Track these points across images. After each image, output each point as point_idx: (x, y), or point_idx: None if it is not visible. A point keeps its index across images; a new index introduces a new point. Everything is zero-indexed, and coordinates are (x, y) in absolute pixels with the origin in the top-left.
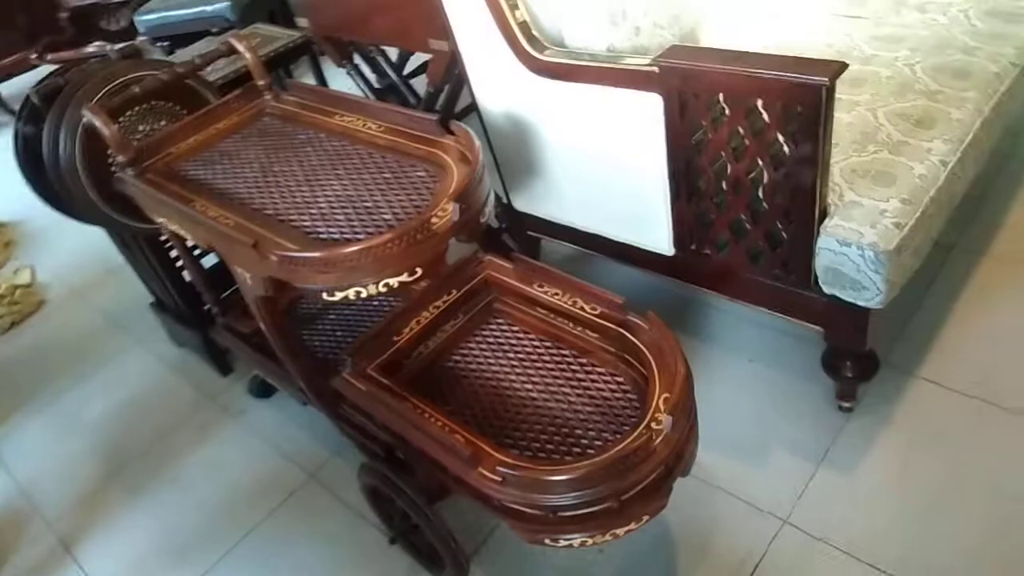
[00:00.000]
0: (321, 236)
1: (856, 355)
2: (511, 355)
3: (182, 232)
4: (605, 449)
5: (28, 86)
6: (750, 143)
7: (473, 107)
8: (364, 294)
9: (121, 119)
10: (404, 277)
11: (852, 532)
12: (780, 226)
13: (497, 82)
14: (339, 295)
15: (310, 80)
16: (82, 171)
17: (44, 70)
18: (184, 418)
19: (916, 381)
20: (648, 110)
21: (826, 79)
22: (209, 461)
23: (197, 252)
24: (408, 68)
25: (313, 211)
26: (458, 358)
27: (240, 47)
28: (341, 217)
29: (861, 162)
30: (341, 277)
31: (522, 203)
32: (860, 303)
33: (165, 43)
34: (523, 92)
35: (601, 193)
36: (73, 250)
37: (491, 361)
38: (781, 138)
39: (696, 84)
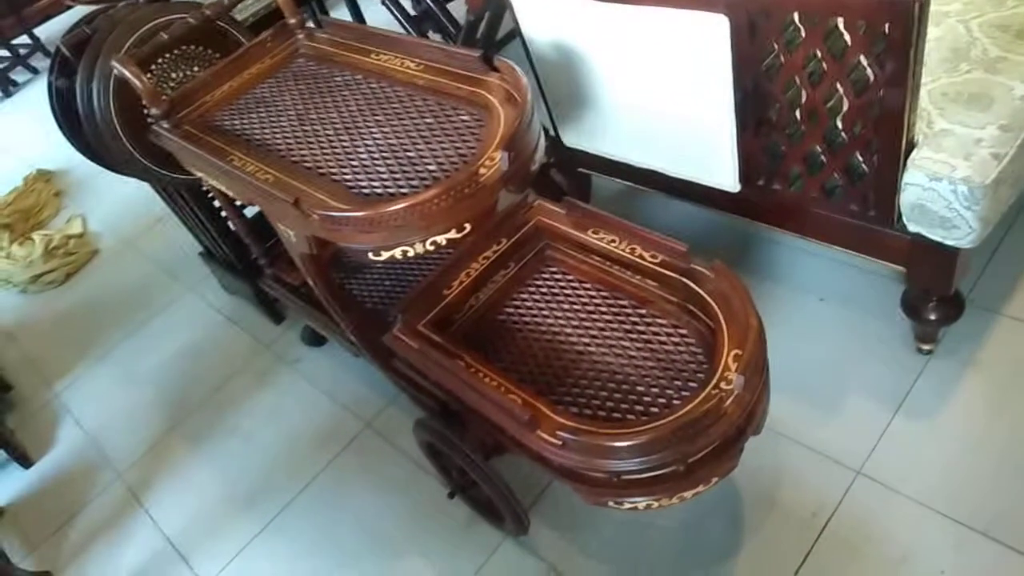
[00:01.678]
0: (364, 191)
1: (940, 297)
2: (565, 306)
3: (220, 187)
4: (671, 410)
5: (64, 29)
6: (828, 67)
7: (516, 34)
8: (411, 253)
9: (152, 67)
10: (452, 234)
11: (931, 483)
12: (861, 159)
13: (543, 7)
14: (385, 255)
15: (343, 11)
16: (118, 124)
17: (79, 11)
18: (240, 366)
19: (1002, 320)
20: (713, 33)
21: None
22: (268, 410)
23: (240, 203)
24: None
25: (354, 163)
26: (510, 310)
27: None
28: (383, 169)
29: (952, 83)
30: (386, 236)
31: (572, 138)
32: (949, 242)
33: None
34: (572, 17)
35: (660, 127)
36: (121, 198)
37: (545, 313)
38: (864, 61)
39: (768, 3)
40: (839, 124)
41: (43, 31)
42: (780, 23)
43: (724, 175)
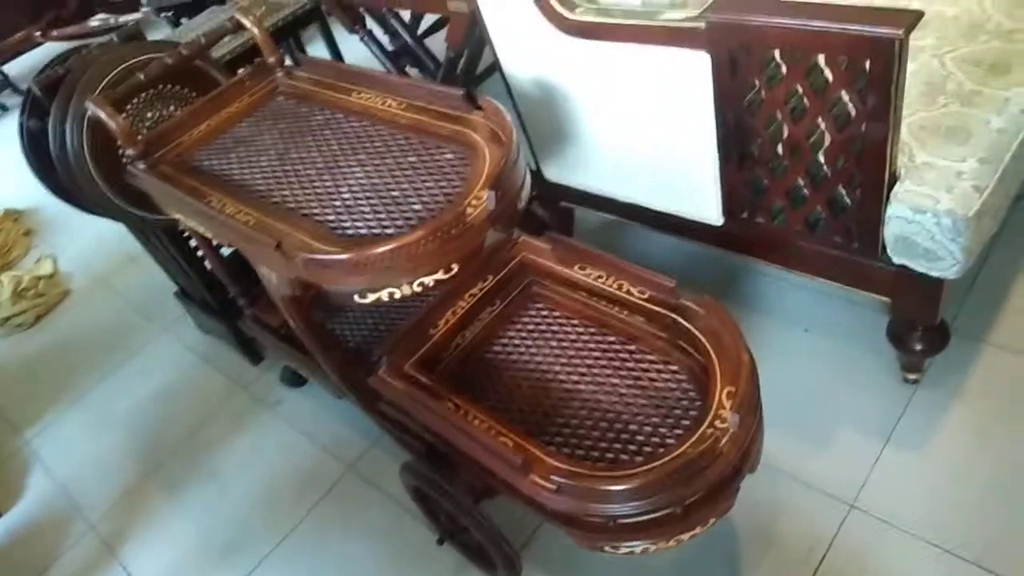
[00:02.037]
0: (348, 231)
1: (925, 327)
2: (553, 343)
3: (200, 229)
4: (666, 451)
5: (35, 65)
6: (810, 102)
7: (496, 68)
8: (398, 295)
9: (128, 107)
10: (440, 275)
11: (922, 514)
12: (844, 192)
13: (523, 44)
14: (371, 297)
15: (320, 46)
16: (92, 165)
17: (50, 48)
18: (218, 408)
19: (987, 348)
20: (694, 69)
21: (900, 31)
22: (246, 453)
23: (217, 243)
24: (421, 27)
25: (337, 203)
26: (497, 348)
27: (246, 22)
28: (367, 209)
29: (930, 117)
30: (372, 278)
31: (554, 172)
32: (934, 273)
33: (169, 13)
34: (552, 54)
35: (642, 161)
36: (93, 237)
37: (533, 351)
38: (846, 96)
39: (749, 40)
40: (821, 158)
41: (12, 68)
42: (761, 59)
43: (708, 209)
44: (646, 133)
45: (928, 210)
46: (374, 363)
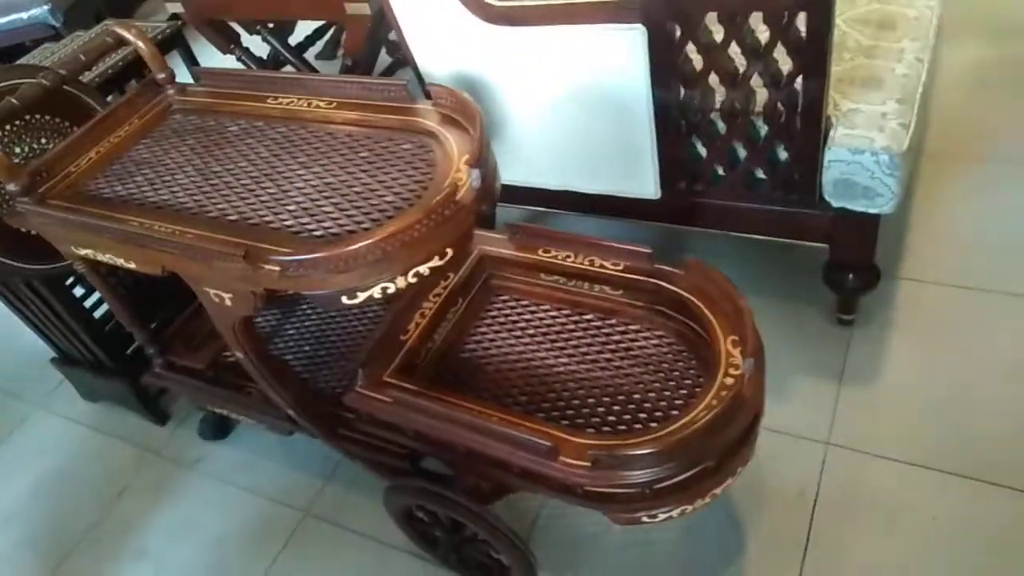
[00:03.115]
0: (315, 233)
1: (860, 266)
2: (530, 331)
3: (119, 260)
4: (686, 409)
5: None
6: (747, 64)
7: (391, 70)
8: (392, 290)
9: None
10: (436, 262)
11: (897, 438)
12: (781, 147)
13: (442, 39)
14: (362, 296)
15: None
16: None
17: None
18: (128, 481)
19: (903, 283)
20: (628, 44)
21: None
22: (176, 524)
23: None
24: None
25: (290, 208)
26: (472, 346)
27: (130, 36)
28: (330, 208)
29: (843, 71)
30: (365, 274)
31: None
32: (872, 211)
33: None
34: (475, 46)
35: (575, 145)
36: None
37: (511, 342)
38: (778, 55)
39: (687, 7)
40: (756, 121)
41: None
42: (698, 26)
43: (644, 184)
44: (578, 116)
45: (865, 149)
46: (324, 389)
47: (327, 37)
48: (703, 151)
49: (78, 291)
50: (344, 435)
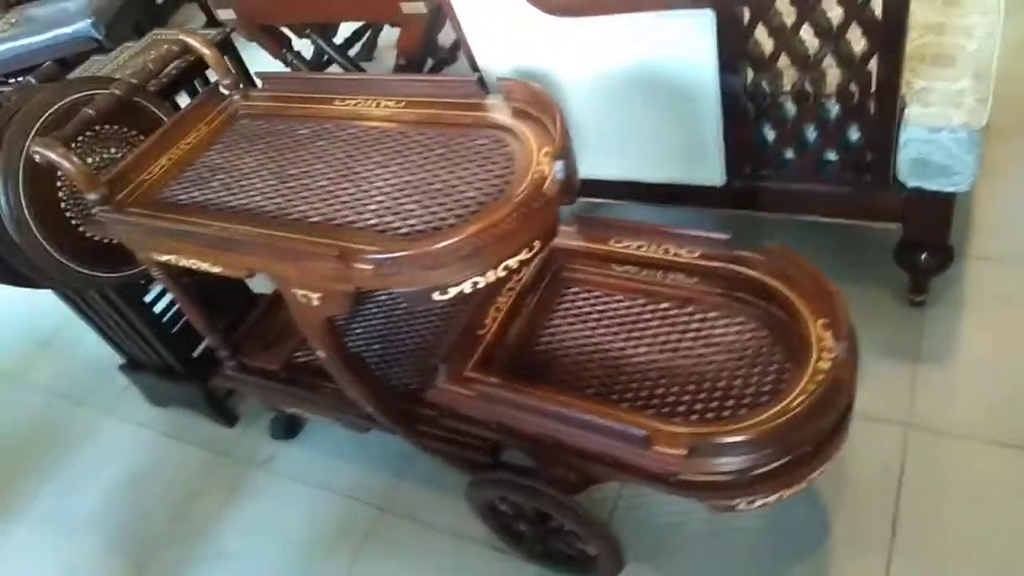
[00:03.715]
0: (400, 231)
1: (932, 245)
2: (604, 322)
3: (203, 264)
4: (780, 396)
5: None
6: (821, 44)
7: (436, 71)
8: (481, 284)
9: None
10: (524, 254)
11: (977, 417)
12: (853, 128)
13: (500, 33)
14: (452, 291)
15: None
16: (34, 223)
17: None
18: (203, 483)
19: (973, 261)
20: (695, 30)
21: None
22: (254, 522)
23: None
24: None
25: (372, 207)
26: (547, 339)
27: (196, 44)
28: (412, 206)
29: (912, 48)
30: (457, 269)
31: None
32: (948, 189)
33: (19, 79)
34: (534, 38)
35: (637, 135)
36: None
37: (586, 333)
38: (851, 35)
39: None
40: (828, 100)
41: None
42: (769, 9)
43: (709, 170)
44: (641, 105)
45: (943, 127)
46: (396, 387)
47: (364, 39)
48: (771, 135)
49: (148, 297)
50: (422, 430)
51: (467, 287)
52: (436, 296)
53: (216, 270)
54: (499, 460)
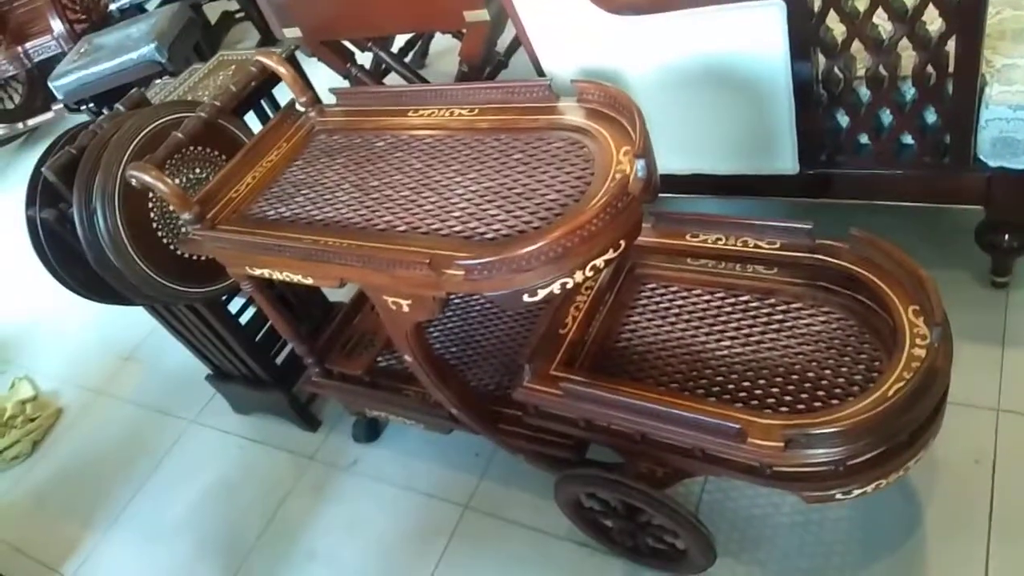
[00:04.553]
0: (487, 236)
1: (1015, 225)
2: (684, 316)
3: (296, 276)
4: (871, 386)
5: None
6: (896, 28)
7: (493, 75)
8: (570, 285)
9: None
10: (610, 254)
11: None
12: (930, 110)
13: (565, 35)
14: (542, 293)
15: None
16: (129, 243)
17: None
18: (290, 486)
19: None
20: (764, 21)
21: None
22: (343, 524)
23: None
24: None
25: (456, 214)
26: (626, 335)
27: (272, 64)
28: (496, 211)
29: (992, 25)
30: (545, 271)
31: None
32: None
33: (89, 105)
34: (599, 39)
35: (706, 128)
36: (69, 346)
37: (666, 328)
38: (927, 15)
39: None
40: (906, 83)
41: None
42: None
43: (782, 160)
44: (710, 99)
45: None
46: (476, 388)
47: (416, 48)
48: (845, 121)
49: (232, 308)
50: (505, 430)
51: (556, 288)
52: (526, 298)
53: (308, 281)
54: (584, 457)
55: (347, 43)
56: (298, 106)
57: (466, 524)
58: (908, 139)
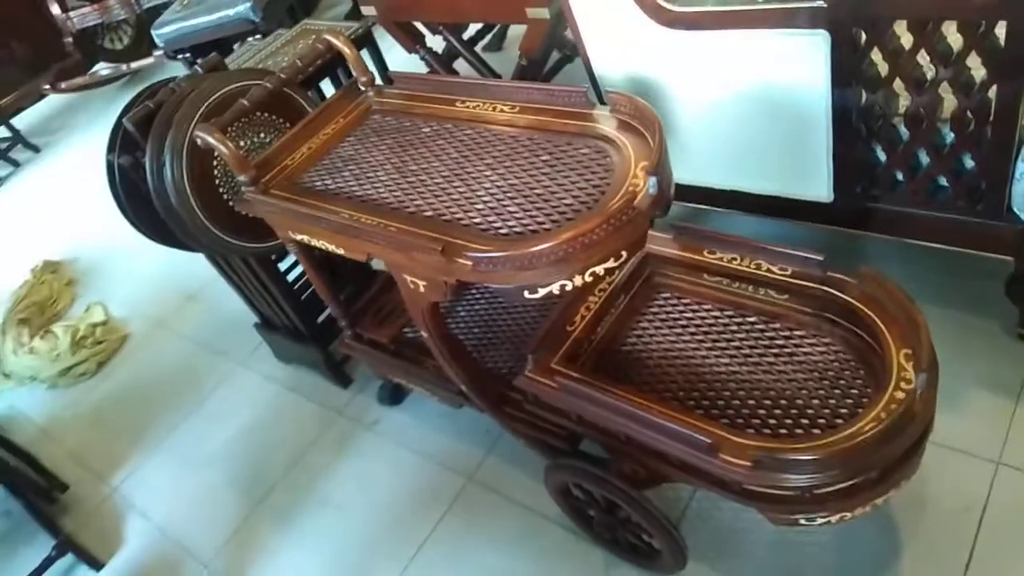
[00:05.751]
0: (501, 231)
1: None
2: (691, 329)
3: (329, 246)
4: (853, 420)
5: (41, 118)
6: (936, 72)
7: (555, 72)
8: (569, 287)
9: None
10: (610, 263)
11: None
12: (968, 156)
13: (616, 41)
14: (542, 291)
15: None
16: (192, 196)
17: (52, 101)
18: (316, 435)
19: None
20: (809, 48)
21: None
22: (356, 477)
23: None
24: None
25: (478, 206)
26: (633, 339)
27: (338, 43)
28: (514, 208)
29: None
30: (546, 272)
31: None
32: None
33: (186, 55)
34: (649, 48)
35: (746, 147)
36: (141, 280)
37: (671, 338)
38: (971, 62)
39: (873, 14)
40: (942, 128)
41: (19, 123)
42: (885, 32)
43: (817, 186)
44: (751, 117)
45: None
46: (491, 369)
47: (494, 31)
48: (883, 156)
49: (282, 266)
50: (509, 413)
51: (555, 288)
52: (527, 294)
53: (340, 252)
54: (577, 448)
55: (419, 26)
56: (359, 85)
57: (467, 495)
58: (944, 181)
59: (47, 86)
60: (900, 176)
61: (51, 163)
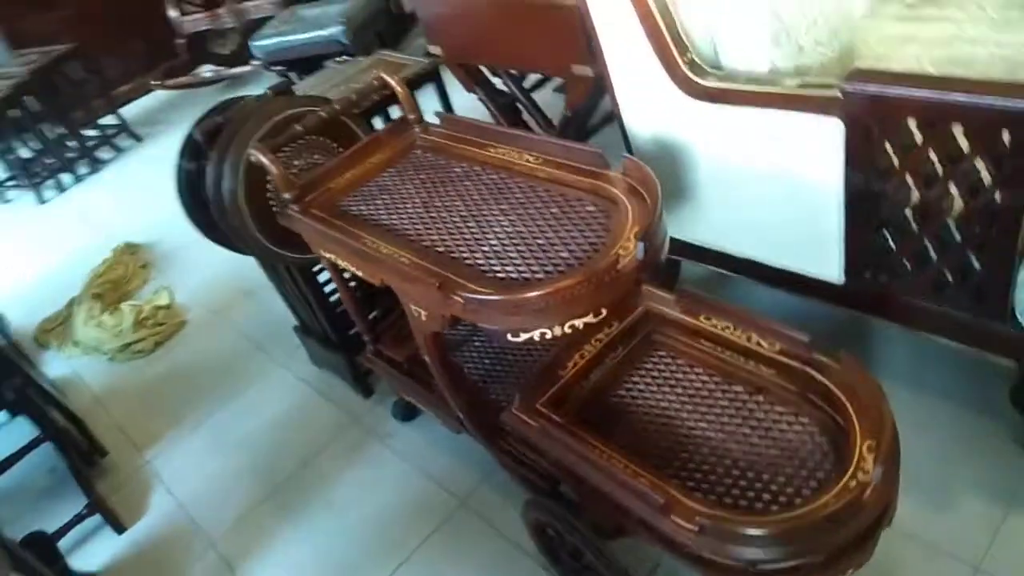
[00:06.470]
0: (498, 275)
1: None
2: (679, 390)
3: (351, 268)
4: (807, 500)
5: (147, 110)
6: (944, 170)
7: (602, 125)
8: (549, 335)
9: (279, 153)
10: (590, 318)
11: None
12: (973, 256)
13: (648, 105)
14: (524, 336)
15: (433, 103)
16: (245, 206)
17: (158, 94)
18: (331, 439)
19: None
20: (825, 135)
21: None
22: (360, 484)
23: (351, 283)
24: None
25: (484, 248)
26: (622, 392)
27: (392, 81)
28: (515, 255)
29: None
30: (528, 319)
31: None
32: None
33: (280, 67)
34: (677, 115)
35: (761, 219)
36: (207, 272)
37: (658, 396)
38: (979, 164)
39: (885, 110)
40: (951, 224)
41: (127, 113)
42: (896, 127)
43: (828, 267)
44: (768, 193)
45: None
46: (493, 401)
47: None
48: (893, 244)
49: (321, 277)
50: (500, 445)
51: (536, 336)
52: (510, 337)
53: (359, 274)
54: (556, 489)
55: (484, 69)
56: (408, 121)
57: (456, 519)
58: (950, 276)
59: (155, 81)
60: (909, 266)
61: (149, 153)
